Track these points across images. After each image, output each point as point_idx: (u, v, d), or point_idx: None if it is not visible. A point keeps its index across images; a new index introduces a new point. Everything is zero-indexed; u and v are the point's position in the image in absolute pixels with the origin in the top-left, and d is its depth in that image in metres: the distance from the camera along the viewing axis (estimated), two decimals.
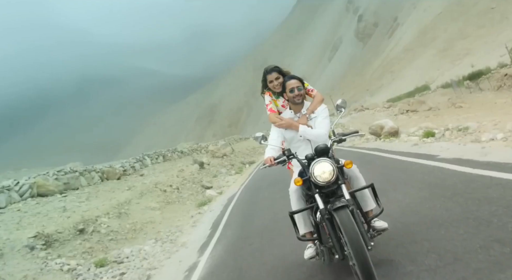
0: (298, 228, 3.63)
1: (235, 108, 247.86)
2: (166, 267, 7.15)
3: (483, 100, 31.71)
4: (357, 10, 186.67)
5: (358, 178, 3.69)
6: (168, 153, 30.80)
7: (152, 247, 9.10)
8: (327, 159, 3.32)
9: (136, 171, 25.30)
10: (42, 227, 9.71)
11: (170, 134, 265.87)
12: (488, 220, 3.61)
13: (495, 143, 6.86)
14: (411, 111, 40.26)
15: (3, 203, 14.73)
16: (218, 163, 27.94)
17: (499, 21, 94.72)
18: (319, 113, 4.04)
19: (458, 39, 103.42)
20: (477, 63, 66.66)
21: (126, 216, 12.24)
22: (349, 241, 2.89)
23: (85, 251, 9.18)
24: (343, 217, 3.02)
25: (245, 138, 55.69)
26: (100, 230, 10.46)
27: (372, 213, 3.69)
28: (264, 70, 4.25)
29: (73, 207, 12.85)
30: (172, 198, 15.77)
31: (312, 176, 3.28)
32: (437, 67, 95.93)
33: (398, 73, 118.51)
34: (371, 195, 3.67)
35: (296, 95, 3.95)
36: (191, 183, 19.34)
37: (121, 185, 18.88)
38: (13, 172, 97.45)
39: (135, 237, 10.64)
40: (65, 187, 17.83)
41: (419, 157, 7.78)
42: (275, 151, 3.91)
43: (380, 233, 3.67)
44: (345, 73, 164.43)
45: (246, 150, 39.11)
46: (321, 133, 3.89)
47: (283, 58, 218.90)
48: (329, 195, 3.32)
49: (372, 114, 45.29)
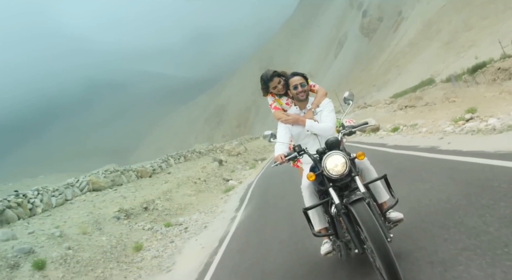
0: (313, 224, 3.67)
1: (243, 108, 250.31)
2: (215, 222, 11.38)
3: (475, 94, 34.37)
4: (361, 6, 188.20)
5: (370, 170, 3.73)
6: (188, 154, 35.03)
7: (199, 215, 13.37)
8: (339, 152, 3.34)
9: (163, 170, 29.52)
10: (119, 206, 13.96)
11: (180, 137, 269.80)
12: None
13: (420, 135, 11.01)
14: (409, 107, 43.05)
15: (69, 196, 18.98)
16: (234, 161, 32.28)
17: (503, 11, 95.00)
18: (324, 107, 4.10)
19: (462, 31, 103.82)
20: (481, 54, 67.47)
21: (171, 200, 16.49)
22: (368, 234, 2.86)
23: (152, 221, 13.41)
24: (361, 210, 3.00)
25: (255, 138, 59.97)
26: (158, 208, 14.74)
27: (386, 205, 3.70)
28: (264, 79, 4.26)
29: (129, 195, 17.09)
30: (202, 188, 20.07)
31: (325, 169, 3.29)
32: (442, 60, 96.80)
33: (403, 67, 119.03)
34: (383, 186, 3.68)
35: (300, 91, 4.04)
36: (214, 177, 23.63)
37: (156, 180, 23.13)
38: (30, 179, 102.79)
39: (182, 213, 14.87)
40: (112, 183, 22.08)
41: (376, 145, 12.00)
42: (285, 147, 3.94)
43: (396, 224, 3.67)
44: (351, 69, 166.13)
45: (257, 148, 43.39)
46: (328, 127, 3.95)
47: (289, 57, 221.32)
48: (342, 188, 3.32)
49: (373, 111, 48.59)
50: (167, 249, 10.05)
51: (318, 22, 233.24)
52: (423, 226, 4.00)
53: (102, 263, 9.59)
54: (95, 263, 9.49)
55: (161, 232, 11.72)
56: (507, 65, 39.04)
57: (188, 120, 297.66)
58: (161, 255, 9.68)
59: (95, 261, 9.60)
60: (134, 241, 11.11)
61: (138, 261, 9.76)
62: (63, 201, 18.02)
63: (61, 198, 18.14)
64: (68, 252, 9.54)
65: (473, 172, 5.25)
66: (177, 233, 11.45)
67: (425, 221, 4.10)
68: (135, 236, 11.58)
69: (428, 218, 4.15)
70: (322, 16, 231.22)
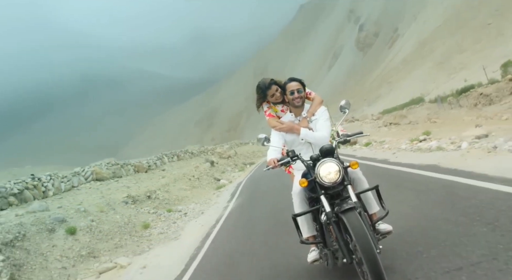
0: (301, 232, 3.70)
1: (235, 113, 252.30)
2: (210, 210, 13.87)
3: (455, 117, 36.54)
4: (358, 20, 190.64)
5: (361, 180, 3.78)
6: (181, 153, 37.41)
7: (195, 205, 15.87)
8: (333, 159, 3.36)
9: (157, 166, 31.84)
10: (127, 193, 16.38)
11: (169, 137, 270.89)
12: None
13: (382, 150, 13.64)
14: (393, 124, 45.31)
15: (76, 183, 21.28)
16: (225, 163, 34.84)
17: (495, 37, 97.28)
18: (319, 115, 4.10)
19: (455, 53, 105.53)
20: (471, 77, 69.07)
21: (170, 192, 18.94)
22: (358, 244, 2.89)
23: (154, 207, 15.85)
24: (352, 219, 3.03)
25: (245, 143, 62.59)
26: (159, 197, 17.19)
27: (376, 216, 3.76)
28: (261, 87, 4.26)
29: (132, 186, 19.49)
30: (196, 184, 22.55)
31: (318, 176, 3.32)
32: (434, 79, 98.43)
33: (395, 84, 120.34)
34: (374, 197, 3.75)
35: (296, 97, 4.03)
36: (206, 176, 26.12)
37: (152, 175, 25.49)
38: (18, 169, 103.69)
39: (180, 203, 17.33)
40: (113, 175, 24.41)
41: (347, 155, 14.55)
42: (278, 152, 3.96)
43: (385, 236, 3.72)
44: (345, 82, 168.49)
45: (246, 153, 45.99)
46: (322, 136, 3.95)
47: (284, 65, 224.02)
48: (334, 196, 3.36)
49: (360, 125, 51.26)
50: (171, 227, 12.52)
51: (315, 33, 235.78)
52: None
53: (118, 234, 12.03)
54: (113, 234, 11.92)
55: (164, 216, 14.20)
56: (489, 91, 40.81)
57: (179, 121, 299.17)
58: (166, 232, 12.14)
59: (113, 232, 12.03)
60: (141, 221, 13.55)
61: (146, 235, 12.21)
62: (71, 187, 20.30)
63: (69, 184, 20.41)
64: (92, 224, 11.97)
65: (398, 175, 7.84)
66: (178, 217, 13.96)
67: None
68: (142, 217, 14.02)
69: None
70: (320, 27, 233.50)
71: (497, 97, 38.98)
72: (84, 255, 10.52)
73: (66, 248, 10.57)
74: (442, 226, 4.18)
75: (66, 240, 10.80)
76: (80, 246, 10.80)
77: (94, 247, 10.99)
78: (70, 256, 10.32)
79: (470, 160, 7.21)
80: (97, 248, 10.98)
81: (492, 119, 26.84)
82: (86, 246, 10.86)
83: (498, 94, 39.20)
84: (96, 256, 10.70)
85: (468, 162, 7.08)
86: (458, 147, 8.84)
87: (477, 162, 6.82)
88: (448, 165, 7.36)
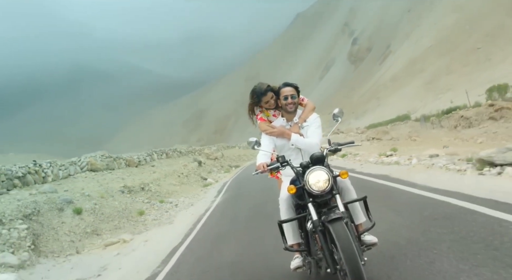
0: (286, 238, 3.70)
1: (223, 116, 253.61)
2: (199, 203, 15.73)
3: (434, 136, 38.47)
4: (352, 33, 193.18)
5: (350, 190, 3.78)
6: (170, 152, 39.12)
7: (184, 199, 17.72)
8: (323, 168, 3.37)
9: (147, 162, 33.49)
10: (123, 183, 18.14)
11: (156, 135, 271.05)
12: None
13: (353, 161, 15.65)
14: (376, 139, 47.30)
15: (72, 172, 22.91)
16: (211, 164, 36.71)
17: (483, 61, 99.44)
18: (311, 122, 4.12)
19: (443, 74, 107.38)
20: (457, 99, 71.29)
21: (161, 186, 20.75)
22: (344, 255, 2.92)
23: (148, 198, 17.64)
24: (339, 229, 3.05)
25: (232, 146, 64.46)
26: (151, 189, 18.99)
27: (362, 227, 3.79)
28: (257, 92, 4.24)
29: (126, 178, 21.23)
30: (184, 181, 24.39)
31: (306, 184, 3.33)
32: (421, 98, 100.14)
33: (384, 99, 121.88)
34: (361, 208, 3.77)
35: (289, 103, 4.04)
36: (194, 174, 27.97)
37: (143, 170, 27.21)
38: (1, 155, 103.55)
39: (170, 196, 19.14)
40: (106, 167, 26.06)
41: None
42: (267, 157, 3.98)
43: (370, 247, 3.75)
44: (334, 93, 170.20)
45: (233, 156, 47.90)
46: (313, 143, 3.96)
47: (276, 72, 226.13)
48: (321, 205, 3.38)
49: (344, 137, 53.29)
50: (164, 215, 14.37)
51: (309, 43, 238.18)
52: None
53: (117, 218, 13.82)
54: (113, 217, 13.71)
55: (157, 206, 16.03)
56: (469, 115, 42.69)
57: (167, 119, 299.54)
58: (159, 218, 13.97)
59: (113, 216, 13.82)
60: (137, 208, 15.34)
61: (142, 221, 14.02)
62: (67, 175, 21.88)
63: (66, 173, 22.04)
64: (95, 207, 13.75)
65: (357, 181, 9.78)
66: (170, 207, 15.82)
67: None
68: (137, 206, 15.81)
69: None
70: (314, 37, 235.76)
71: (476, 121, 40.34)
72: (88, 232, 12.30)
73: (73, 225, 12.34)
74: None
75: (73, 219, 12.57)
76: (85, 224, 12.58)
77: (97, 226, 12.77)
78: (76, 232, 12.09)
79: (412, 173, 9.24)
80: (99, 227, 12.77)
81: (468, 141, 27.95)
82: (90, 225, 12.64)
83: (477, 118, 40.60)
84: (99, 234, 12.49)
85: (410, 174, 9.11)
86: (410, 163, 10.86)
87: (415, 175, 8.86)
88: (395, 175, 9.40)
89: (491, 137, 30.84)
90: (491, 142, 27.76)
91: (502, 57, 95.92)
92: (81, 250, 11.06)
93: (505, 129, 33.36)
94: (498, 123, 37.05)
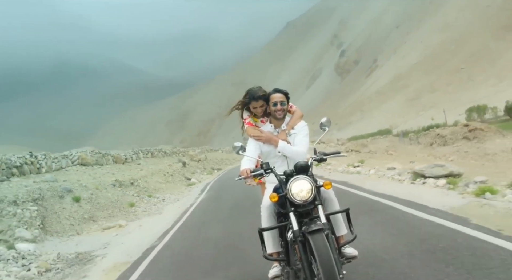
0: (266, 246, 3.68)
1: (207, 119, 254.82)
2: (184, 198, 17.57)
3: (410, 152, 40.68)
4: (341, 45, 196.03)
5: (333, 201, 3.75)
6: (155, 151, 40.79)
7: (170, 195, 19.53)
8: (307, 177, 3.36)
9: (133, 160, 35.13)
10: (115, 178, 19.87)
11: (139, 133, 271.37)
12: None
13: (323, 169, 17.67)
14: (354, 151, 49.54)
15: (64, 165, 24.52)
16: (195, 165, 38.53)
17: (466, 81, 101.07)
18: (299, 130, 4.10)
19: (426, 92, 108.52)
20: (438, 117, 73.58)
21: (148, 183, 22.51)
22: (322, 268, 2.93)
23: (137, 192, 19.41)
24: (319, 241, 3.06)
25: (215, 150, 66.36)
26: (140, 185, 20.75)
27: (343, 239, 3.77)
28: (251, 94, 4.22)
29: (116, 173, 22.93)
30: (169, 179, 26.17)
31: (289, 192, 3.32)
32: (403, 114, 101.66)
33: (367, 113, 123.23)
34: (343, 220, 3.76)
35: (278, 109, 4.03)
36: (178, 174, 29.75)
37: (130, 167, 28.87)
38: None
39: (157, 192, 20.92)
40: (95, 162, 27.70)
41: None
42: (252, 162, 3.95)
43: (350, 260, 3.73)
44: (319, 104, 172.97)
45: (215, 159, 49.76)
46: (300, 151, 3.96)
47: (263, 79, 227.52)
48: (303, 215, 3.37)
49: (324, 148, 55.55)
50: (152, 208, 16.18)
51: (297, 52, 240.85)
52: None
53: (111, 207, 15.57)
54: (107, 207, 15.47)
55: (146, 199, 17.83)
56: (445, 133, 44.85)
57: (151, 119, 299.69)
58: (148, 210, 15.77)
59: (107, 205, 15.57)
60: (127, 201, 17.10)
61: (132, 211, 15.79)
62: (59, 168, 23.47)
63: (58, 165, 23.64)
64: (92, 196, 15.50)
65: None
66: (157, 201, 17.64)
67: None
68: (127, 198, 17.58)
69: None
70: (302, 47, 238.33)
71: (451, 140, 42.16)
72: (86, 218, 14.04)
73: (72, 211, 14.05)
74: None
75: (72, 205, 14.29)
76: (83, 211, 14.30)
77: (93, 213, 14.51)
78: (75, 217, 13.82)
79: (366, 181, 11.29)
80: (95, 215, 14.51)
81: (440, 159, 30.61)
82: (87, 212, 14.38)
83: (452, 137, 42.42)
84: (95, 220, 14.23)
85: (364, 181, 11.15)
86: (368, 173, 12.92)
87: (367, 182, 10.90)
88: (352, 182, 11.42)
89: (462, 156, 32.67)
90: (461, 161, 29.68)
91: (484, 79, 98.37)
92: (80, 232, 12.81)
93: (476, 149, 35.25)
94: (471, 143, 38.85)
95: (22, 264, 8.26)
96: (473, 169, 15.20)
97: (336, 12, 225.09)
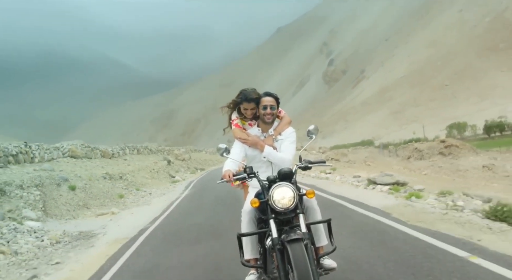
0: (244, 252, 3.65)
1: (193, 119, 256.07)
2: (170, 193, 19.28)
3: (387, 164, 42.31)
4: (330, 54, 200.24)
5: (315, 210, 3.73)
6: (141, 148, 42.31)
7: (156, 190, 21.20)
8: (289, 184, 3.32)
9: (120, 156, 36.59)
10: (105, 171, 21.46)
11: (123, 129, 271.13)
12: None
13: (301, 175, 19.55)
14: (334, 159, 51.27)
15: (55, 156, 25.99)
16: (179, 164, 40.20)
17: (450, 98, 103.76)
18: (286, 136, 4.04)
19: (410, 106, 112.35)
20: (419, 131, 74.48)
21: (135, 177, 24.15)
22: (298, 278, 2.91)
23: (125, 185, 21.04)
24: (297, 251, 3.04)
25: (199, 150, 68.05)
26: (128, 179, 22.38)
27: (322, 250, 3.74)
28: (245, 94, 4.13)
29: (105, 167, 24.49)
30: (155, 176, 27.82)
31: (270, 199, 3.28)
32: (387, 126, 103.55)
33: (351, 123, 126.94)
34: (324, 231, 3.73)
35: (268, 113, 3.97)
36: (163, 172, 31.39)
37: (117, 162, 30.41)
38: None
39: (144, 187, 22.57)
40: (85, 155, 29.18)
41: None
42: (236, 165, 3.92)
43: (328, 272, 3.68)
44: (305, 111, 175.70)
45: (199, 159, 51.48)
46: (286, 158, 3.91)
47: (251, 83, 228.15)
48: (283, 222, 3.33)
49: (305, 155, 57.59)
50: (140, 200, 17.86)
51: (286, 58, 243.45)
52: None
53: (102, 197, 17.21)
54: (99, 196, 17.10)
55: (134, 192, 19.50)
56: (422, 147, 46.60)
57: (136, 116, 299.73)
58: (137, 202, 17.44)
59: (99, 195, 17.20)
60: (117, 192, 18.74)
61: (122, 202, 17.44)
62: (51, 159, 24.93)
63: (50, 156, 25.11)
64: (86, 186, 17.12)
65: None
66: (145, 194, 19.32)
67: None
68: (117, 190, 19.21)
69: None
70: (292, 53, 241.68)
71: (428, 154, 43.59)
72: (81, 205, 15.65)
73: (68, 198, 15.66)
74: None
75: (68, 193, 15.89)
76: (78, 199, 15.92)
77: (87, 202, 16.14)
78: (71, 204, 15.42)
79: (331, 185, 13.18)
80: (89, 203, 16.13)
81: (414, 172, 31.25)
82: (82, 200, 16.00)
83: (429, 151, 43.84)
84: (89, 208, 15.85)
85: (329, 186, 13.04)
86: (335, 179, 14.81)
87: (331, 186, 12.78)
88: (319, 186, 13.28)
89: (435, 170, 34.34)
90: (434, 175, 31.44)
91: (466, 96, 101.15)
92: (76, 217, 14.43)
93: (450, 165, 36.99)
94: (446, 159, 40.52)
95: (36, 236, 9.91)
96: (426, 181, 17.26)
97: (327, 21, 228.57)
